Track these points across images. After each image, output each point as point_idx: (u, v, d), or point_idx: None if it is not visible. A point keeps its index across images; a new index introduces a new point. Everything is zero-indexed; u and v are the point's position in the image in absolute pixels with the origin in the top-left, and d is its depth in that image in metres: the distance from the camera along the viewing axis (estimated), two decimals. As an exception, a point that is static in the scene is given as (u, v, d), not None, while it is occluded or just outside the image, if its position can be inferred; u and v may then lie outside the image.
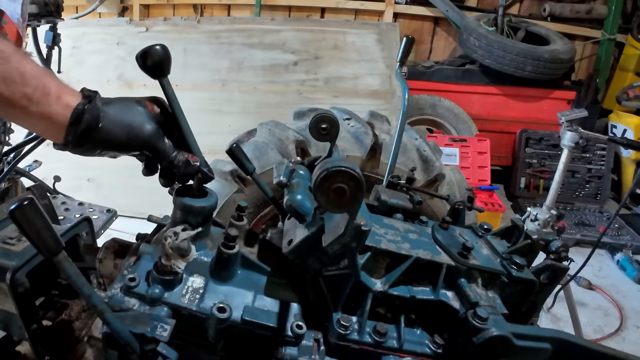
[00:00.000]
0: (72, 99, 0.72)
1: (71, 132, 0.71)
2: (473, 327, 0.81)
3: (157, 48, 0.74)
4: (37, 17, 1.89)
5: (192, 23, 3.79)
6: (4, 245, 0.94)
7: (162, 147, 0.78)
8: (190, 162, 0.81)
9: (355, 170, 0.64)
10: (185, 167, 0.81)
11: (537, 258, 1.05)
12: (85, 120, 0.71)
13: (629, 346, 2.54)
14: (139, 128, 0.76)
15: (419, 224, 1.06)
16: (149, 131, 0.77)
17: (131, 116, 0.76)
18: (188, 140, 0.82)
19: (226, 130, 3.39)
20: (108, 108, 0.74)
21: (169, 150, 0.79)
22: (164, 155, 0.79)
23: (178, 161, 0.80)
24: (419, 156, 1.75)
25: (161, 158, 0.79)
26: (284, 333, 0.80)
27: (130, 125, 0.75)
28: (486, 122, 4.26)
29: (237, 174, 1.71)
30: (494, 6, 4.50)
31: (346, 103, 3.40)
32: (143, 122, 0.77)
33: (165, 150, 0.79)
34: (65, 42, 2.20)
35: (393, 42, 3.75)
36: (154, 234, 0.95)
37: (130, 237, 1.01)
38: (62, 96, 0.71)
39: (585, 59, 4.87)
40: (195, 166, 0.82)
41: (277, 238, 0.97)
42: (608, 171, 4.19)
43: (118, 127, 0.74)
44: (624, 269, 3.25)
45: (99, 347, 1.01)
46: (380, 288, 0.86)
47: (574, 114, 2.23)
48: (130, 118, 0.76)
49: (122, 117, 0.75)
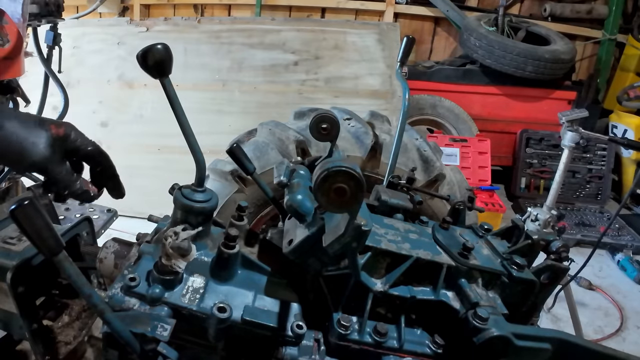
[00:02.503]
0: None
1: None
2: (473, 327, 0.81)
3: (158, 47, 0.73)
4: (37, 17, 1.89)
5: (192, 23, 3.79)
6: (5, 245, 0.94)
7: (55, 171, 0.76)
8: (90, 194, 0.81)
9: (356, 170, 0.64)
10: (82, 195, 0.81)
11: (537, 258, 1.05)
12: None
13: (629, 346, 2.53)
14: (29, 149, 0.73)
15: (420, 224, 1.06)
16: (41, 154, 0.74)
17: (25, 136, 0.73)
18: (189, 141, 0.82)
19: (226, 130, 3.39)
20: (8, 123, 0.72)
21: (63, 177, 0.78)
22: (56, 180, 0.77)
23: (74, 189, 0.79)
24: (419, 156, 1.75)
25: (53, 182, 0.78)
26: (284, 333, 0.80)
27: (21, 145, 0.73)
28: (487, 122, 4.26)
29: (238, 173, 1.71)
30: (494, 6, 4.50)
31: (346, 103, 3.40)
32: (37, 143, 0.74)
33: (59, 175, 0.77)
34: (65, 42, 2.20)
35: (393, 42, 3.75)
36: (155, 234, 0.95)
37: (130, 237, 1.01)
38: None
39: (585, 59, 4.87)
40: (94, 196, 0.82)
41: (278, 238, 0.97)
42: (608, 171, 4.19)
43: (7, 144, 0.72)
44: (624, 270, 3.25)
45: (99, 347, 1.02)
46: (380, 288, 0.86)
47: (575, 114, 2.23)
48: (24, 138, 0.73)
49: (16, 135, 0.72)
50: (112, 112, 3.57)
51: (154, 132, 3.44)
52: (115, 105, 3.59)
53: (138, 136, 3.50)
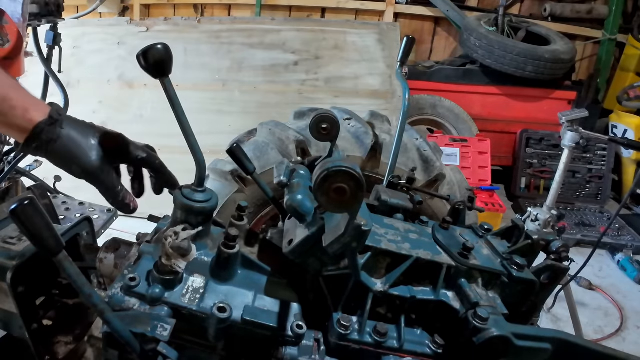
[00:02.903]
0: (37, 114, 0.76)
1: (26, 144, 0.76)
2: (473, 328, 0.81)
3: (158, 47, 0.73)
4: (37, 17, 1.88)
5: (192, 23, 3.79)
6: (5, 245, 0.94)
7: (103, 180, 0.82)
8: (129, 208, 0.87)
9: (356, 170, 0.64)
10: (122, 208, 0.86)
11: (537, 258, 1.05)
12: (40, 139, 0.76)
13: (629, 346, 2.53)
14: (81, 159, 0.80)
15: (420, 224, 1.06)
16: (91, 164, 0.80)
17: (78, 146, 0.79)
18: (189, 141, 0.82)
19: (227, 130, 3.39)
20: (65, 132, 0.78)
21: (110, 186, 0.83)
22: (104, 188, 0.83)
23: (118, 199, 0.85)
24: (419, 156, 1.75)
25: (102, 190, 0.84)
26: (284, 333, 0.80)
27: (74, 154, 0.79)
28: (487, 122, 4.26)
29: (238, 173, 1.71)
30: (494, 6, 4.50)
31: (347, 103, 3.40)
32: (88, 154, 0.80)
33: (106, 185, 0.83)
34: (65, 42, 2.20)
35: (394, 42, 3.75)
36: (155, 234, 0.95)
37: (130, 237, 1.01)
38: (28, 110, 0.75)
39: (586, 59, 4.87)
40: (133, 210, 0.88)
41: (278, 238, 0.97)
42: (609, 171, 4.19)
43: (64, 153, 0.78)
44: (624, 270, 3.25)
45: (99, 347, 1.02)
46: (380, 288, 0.86)
47: (575, 114, 2.22)
48: (76, 148, 0.79)
49: (71, 145, 0.79)
50: (112, 112, 3.56)
51: (154, 132, 3.42)
52: (115, 105, 3.58)
53: (138, 136, 3.38)
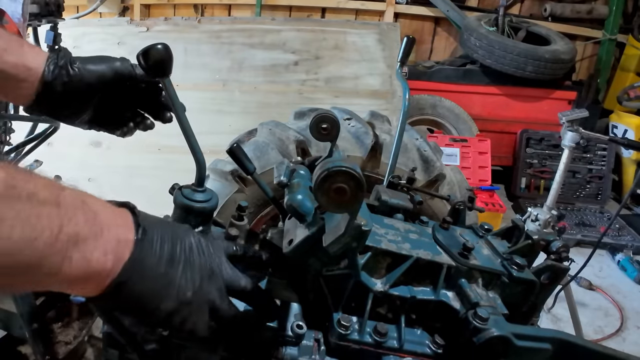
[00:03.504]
0: (122, 252, 0.55)
1: (107, 287, 0.55)
2: (473, 328, 0.81)
3: (158, 47, 0.73)
4: (37, 17, 1.88)
5: (192, 23, 3.79)
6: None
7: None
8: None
9: (356, 170, 0.64)
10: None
11: (537, 258, 1.05)
12: (124, 280, 0.56)
13: (629, 347, 2.53)
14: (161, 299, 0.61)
15: (420, 224, 1.06)
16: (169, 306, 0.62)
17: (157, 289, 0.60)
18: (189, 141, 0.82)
19: (227, 130, 3.39)
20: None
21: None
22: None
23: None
24: (419, 156, 1.75)
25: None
26: (284, 333, 0.80)
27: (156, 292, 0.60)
28: (487, 122, 4.26)
29: (238, 173, 1.71)
30: (494, 6, 4.50)
31: (347, 103, 3.40)
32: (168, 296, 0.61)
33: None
34: (66, 42, 2.20)
35: (394, 42, 3.75)
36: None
37: (130, 236, 1.00)
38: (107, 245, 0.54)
39: (586, 59, 4.87)
40: None
41: (278, 238, 0.97)
42: (609, 171, 4.19)
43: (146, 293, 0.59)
44: (624, 270, 3.25)
45: (99, 347, 1.02)
46: (380, 288, 0.86)
47: (575, 114, 2.22)
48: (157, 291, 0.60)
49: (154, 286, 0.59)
50: (112, 112, 3.57)
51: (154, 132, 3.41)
52: (116, 105, 3.58)
53: (138, 136, 3.48)
